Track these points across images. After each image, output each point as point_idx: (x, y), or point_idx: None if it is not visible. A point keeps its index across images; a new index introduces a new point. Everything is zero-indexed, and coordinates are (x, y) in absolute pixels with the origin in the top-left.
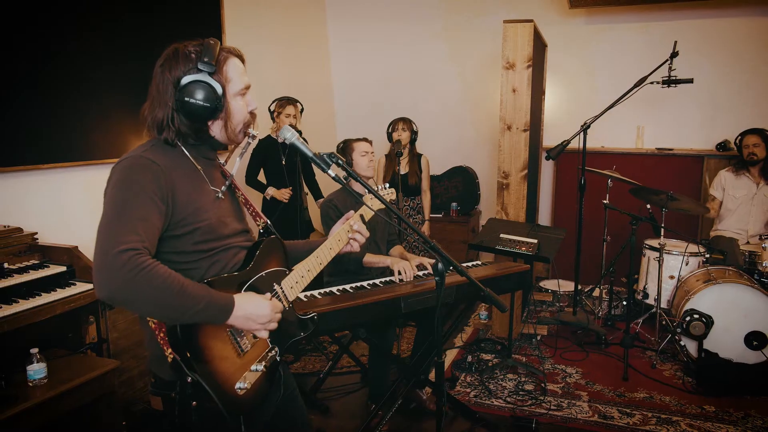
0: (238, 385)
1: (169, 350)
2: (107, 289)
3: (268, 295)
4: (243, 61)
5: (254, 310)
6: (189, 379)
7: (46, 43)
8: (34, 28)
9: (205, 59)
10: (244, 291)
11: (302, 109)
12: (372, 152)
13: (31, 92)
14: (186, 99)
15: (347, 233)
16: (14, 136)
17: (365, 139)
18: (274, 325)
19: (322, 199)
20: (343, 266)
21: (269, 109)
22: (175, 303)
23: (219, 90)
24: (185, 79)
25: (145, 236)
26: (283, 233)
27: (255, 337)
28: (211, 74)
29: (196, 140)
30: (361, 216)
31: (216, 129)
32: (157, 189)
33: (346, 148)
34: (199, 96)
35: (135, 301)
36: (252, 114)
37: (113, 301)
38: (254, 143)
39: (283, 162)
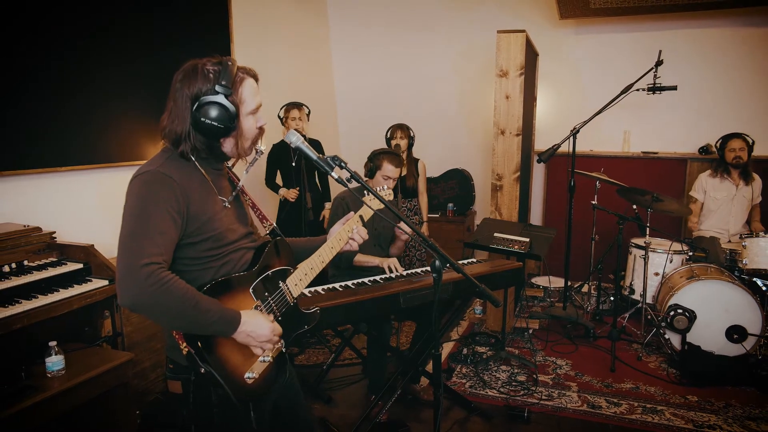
0: (247, 375)
1: (184, 344)
2: (130, 299)
3: (271, 316)
4: (257, 80)
5: (255, 329)
6: (202, 370)
7: (57, 45)
8: (44, 30)
9: (223, 82)
10: (251, 291)
11: (308, 112)
12: (395, 179)
13: (48, 97)
14: (202, 119)
15: (347, 233)
16: (33, 140)
17: (397, 161)
18: (270, 346)
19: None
20: (335, 263)
21: (279, 116)
22: (190, 316)
23: (233, 111)
24: (203, 99)
25: (164, 249)
26: (289, 231)
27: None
28: (227, 96)
29: (207, 155)
30: (361, 217)
31: (228, 146)
32: (174, 203)
33: (374, 158)
34: (215, 117)
35: (154, 312)
36: (261, 129)
37: (134, 310)
38: (262, 156)
39: (293, 164)
